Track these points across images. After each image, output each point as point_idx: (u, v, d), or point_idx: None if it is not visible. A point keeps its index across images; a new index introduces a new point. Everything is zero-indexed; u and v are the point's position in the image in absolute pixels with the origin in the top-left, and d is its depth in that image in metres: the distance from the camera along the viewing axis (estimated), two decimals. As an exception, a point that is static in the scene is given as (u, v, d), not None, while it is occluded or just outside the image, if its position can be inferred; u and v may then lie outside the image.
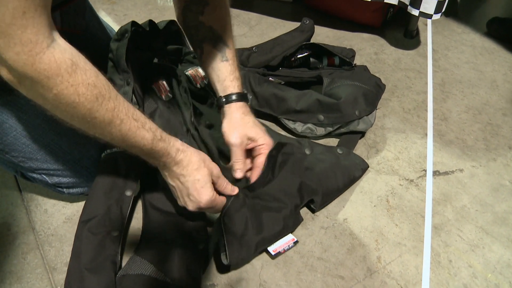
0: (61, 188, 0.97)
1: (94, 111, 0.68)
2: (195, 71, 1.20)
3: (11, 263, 0.90)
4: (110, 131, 0.72)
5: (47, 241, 0.94)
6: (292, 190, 0.95)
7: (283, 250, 0.89)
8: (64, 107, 0.66)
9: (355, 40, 1.58)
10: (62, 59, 0.63)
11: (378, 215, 0.98)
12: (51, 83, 0.63)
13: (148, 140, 0.76)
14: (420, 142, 1.16)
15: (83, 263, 0.79)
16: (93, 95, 0.68)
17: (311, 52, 1.32)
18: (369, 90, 1.15)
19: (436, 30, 1.65)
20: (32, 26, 0.59)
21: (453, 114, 1.26)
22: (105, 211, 0.87)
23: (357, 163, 1.05)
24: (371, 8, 1.57)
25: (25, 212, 1.00)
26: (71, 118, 0.69)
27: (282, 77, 1.28)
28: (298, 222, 0.94)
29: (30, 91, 0.65)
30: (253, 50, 1.33)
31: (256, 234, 0.86)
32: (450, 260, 0.90)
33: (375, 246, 0.92)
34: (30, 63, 0.60)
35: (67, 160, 0.94)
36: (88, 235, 0.82)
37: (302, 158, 1.02)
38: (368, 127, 1.14)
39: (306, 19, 1.36)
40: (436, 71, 1.44)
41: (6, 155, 0.90)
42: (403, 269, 0.88)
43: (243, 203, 0.89)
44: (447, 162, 1.11)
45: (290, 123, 1.16)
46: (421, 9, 1.37)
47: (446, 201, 1.02)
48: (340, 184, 1.00)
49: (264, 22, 1.69)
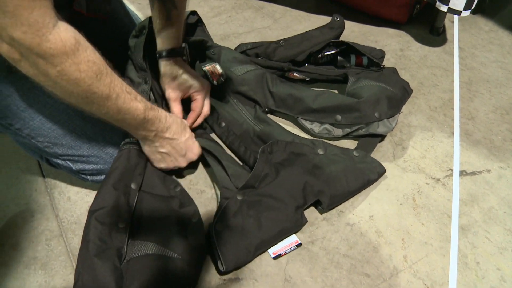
0: (85, 175, 0.97)
1: (94, 86, 0.72)
2: (213, 67, 1.19)
3: (35, 249, 0.90)
4: (106, 105, 0.77)
5: (70, 229, 0.94)
6: (295, 190, 0.94)
7: (284, 253, 0.88)
8: (66, 83, 0.69)
9: (380, 35, 1.56)
10: (66, 38, 0.66)
11: (404, 214, 0.97)
12: (56, 60, 0.66)
13: (141, 110, 0.83)
14: (446, 141, 1.14)
15: (92, 252, 0.79)
16: (93, 71, 0.71)
17: (339, 50, 1.30)
18: (394, 93, 1.13)
19: (463, 27, 1.62)
20: (39, 8, 0.62)
21: (480, 113, 1.24)
22: (113, 202, 0.87)
23: (373, 166, 1.02)
24: (398, 3, 1.54)
25: (48, 199, 1.00)
26: (70, 95, 0.72)
27: (308, 74, 1.26)
28: (301, 223, 0.92)
29: (31, 68, 0.67)
30: (280, 43, 1.31)
31: (254, 236, 0.86)
32: (478, 262, 0.88)
33: (401, 245, 0.91)
34: (37, 42, 0.63)
35: (91, 146, 0.94)
36: (96, 225, 0.82)
37: (312, 159, 1.00)
38: (388, 131, 1.10)
39: (337, 16, 1.34)
40: (463, 70, 1.41)
41: (32, 140, 0.90)
42: (430, 269, 0.87)
43: (239, 206, 0.90)
44: (474, 162, 1.09)
45: (307, 124, 1.13)
46: (450, 5, 1.35)
47: (473, 202, 1.00)
48: (351, 186, 0.97)
49: (289, 15, 1.67)
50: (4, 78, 0.82)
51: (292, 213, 0.91)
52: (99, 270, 0.77)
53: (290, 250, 0.89)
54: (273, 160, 0.99)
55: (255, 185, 0.94)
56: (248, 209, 0.90)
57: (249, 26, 1.60)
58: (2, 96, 0.83)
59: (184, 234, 0.87)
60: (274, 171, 0.97)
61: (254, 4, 1.74)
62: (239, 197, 0.91)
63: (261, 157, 0.97)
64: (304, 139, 1.07)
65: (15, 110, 0.86)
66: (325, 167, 0.98)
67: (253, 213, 0.89)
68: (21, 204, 0.99)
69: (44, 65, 0.66)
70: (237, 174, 0.96)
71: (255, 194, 0.93)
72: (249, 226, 0.87)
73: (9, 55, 0.65)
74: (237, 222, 0.87)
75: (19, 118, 0.87)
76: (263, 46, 1.31)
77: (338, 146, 1.05)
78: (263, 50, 1.31)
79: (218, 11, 1.68)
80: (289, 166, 0.98)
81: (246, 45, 1.34)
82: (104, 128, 0.95)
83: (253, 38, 1.53)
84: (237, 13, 1.68)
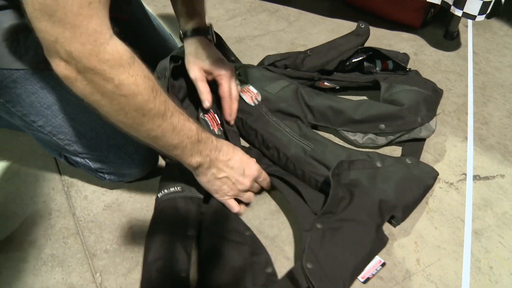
0: (102, 173, 0.99)
1: (150, 102, 0.70)
2: (247, 89, 1.15)
3: (52, 246, 0.92)
4: (161, 125, 0.74)
5: (87, 227, 0.95)
6: (372, 210, 0.90)
7: (372, 275, 0.85)
8: (123, 99, 0.67)
9: (394, 39, 1.56)
10: (123, 50, 0.66)
11: (417, 217, 0.97)
12: (113, 73, 0.64)
13: (194, 131, 0.80)
14: (460, 146, 1.15)
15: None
16: (149, 86, 0.70)
17: (366, 56, 1.30)
18: (429, 95, 1.13)
19: (477, 32, 1.62)
20: (97, 17, 0.61)
21: (494, 118, 1.24)
22: (170, 253, 0.85)
23: (427, 171, 1.00)
24: (412, 7, 1.54)
25: (65, 197, 1.02)
26: (126, 113, 0.70)
27: (337, 82, 1.26)
28: (384, 242, 0.90)
29: (87, 86, 0.66)
30: (307, 53, 1.31)
31: (347, 264, 0.81)
32: (491, 267, 0.88)
33: (414, 248, 0.91)
34: (95, 53, 0.62)
35: (111, 145, 0.95)
36: (157, 277, 0.82)
37: (374, 174, 0.97)
38: (430, 134, 1.11)
39: (362, 23, 1.34)
40: (477, 74, 1.41)
41: (53, 138, 0.92)
42: (443, 273, 0.87)
43: (322, 235, 0.84)
44: (488, 167, 1.09)
45: (349, 135, 1.12)
46: (465, 10, 1.35)
47: (486, 206, 1.00)
48: (416, 195, 0.96)
49: (303, 18, 1.68)
50: (30, 75, 0.83)
51: (374, 233, 0.87)
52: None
53: (377, 271, 0.86)
54: (342, 181, 0.96)
55: (333, 211, 0.89)
56: (332, 236, 0.84)
57: (263, 29, 1.62)
58: (27, 94, 0.85)
59: (256, 285, 0.82)
60: (347, 193, 0.93)
61: (269, 7, 1.75)
62: (319, 226, 0.85)
63: (334, 181, 0.91)
64: (358, 152, 1.05)
65: (38, 108, 0.87)
66: (388, 181, 0.96)
67: (339, 240, 0.84)
68: (39, 202, 1.01)
69: (101, 81, 0.64)
70: (312, 199, 0.94)
71: (334, 220, 0.87)
72: (340, 254, 0.82)
73: (66, 73, 0.64)
74: (326, 253, 0.81)
75: (42, 116, 0.88)
76: (292, 57, 1.31)
77: (390, 156, 1.04)
78: (292, 61, 1.30)
79: (233, 14, 1.70)
80: (359, 186, 0.95)
81: (274, 56, 1.34)
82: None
83: (268, 40, 1.55)
84: (252, 15, 1.70)
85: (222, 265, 0.84)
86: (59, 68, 0.64)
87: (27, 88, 0.84)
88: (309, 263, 0.79)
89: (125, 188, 1.03)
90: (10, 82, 0.83)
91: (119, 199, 1.01)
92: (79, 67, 0.63)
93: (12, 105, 0.86)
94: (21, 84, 0.84)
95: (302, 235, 0.87)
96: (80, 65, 0.63)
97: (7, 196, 1.02)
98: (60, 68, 0.64)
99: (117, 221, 0.97)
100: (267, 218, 0.97)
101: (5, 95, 0.84)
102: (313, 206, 0.92)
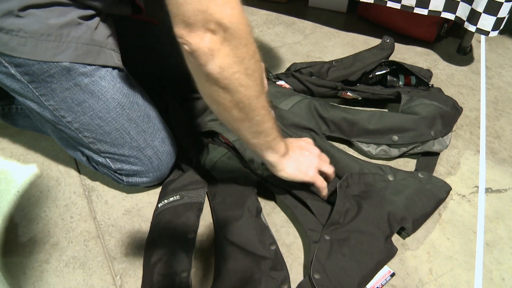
0: (121, 175, 1.01)
1: (263, 81, 0.75)
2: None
3: (74, 249, 0.94)
4: (261, 112, 0.77)
5: (107, 231, 0.98)
6: (380, 221, 0.92)
7: (381, 285, 0.86)
8: (258, 64, 0.70)
9: (408, 53, 1.59)
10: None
11: (430, 228, 0.99)
12: (252, 37, 0.67)
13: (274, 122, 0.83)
14: (472, 159, 1.16)
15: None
16: (262, 66, 0.73)
17: (389, 70, 1.33)
18: (447, 111, 1.16)
19: (490, 47, 1.64)
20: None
21: (506, 132, 1.26)
22: (170, 256, 0.88)
23: (439, 186, 1.02)
24: (426, 22, 1.57)
25: (86, 201, 1.04)
26: (255, 78, 0.72)
27: (360, 93, 1.29)
28: (393, 252, 0.90)
29: (230, 55, 0.67)
30: (332, 64, 1.35)
31: (355, 275, 0.83)
32: (503, 278, 0.90)
33: (426, 258, 0.93)
34: (242, 17, 0.64)
35: (132, 146, 0.98)
36: (158, 279, 0.85)
37: (385, 186, 1.00)
38: (443, 149, 1.13)
39: (387, 38, 1.37)
40: (489, 89, 1.43)
41: (79, 135, 0.94)
42: (455, 283, 0.88)
43: (330, 246, 0.86)
44: (500, 180, 1.11)
45: (363, 146, 1.15)
46: (479, 26, 1.37)
47: (498, 219, 1.01)
48: (427, 208, 0.97)
49: (319, 31, 1.71)
50: (66, 72, 0.85)
51: (383, 244, 0.89)
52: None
53: (386, 282, 0.87)
54: (351, 193, 0.98)
55: (339, 221, 0.91)
56: (340, 247, 0.86)
57: (280, 41, 1.65)
58: (61, 89, 0.87)
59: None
60: (355, 204, 0.95)
61: (285, 20, 1.79)
62: (327, 237, 0.88)
63: (340, 192, 0.94)
64: (371, 165, 1.06)
65: (70, 103, 0.89)
66: (399, 194, 0.98)
67: (347, 250, 0.86)
68: (61, 206, 1.04)
69: (243, 47, 0.66)
70: (321, 212, 0.95)
71: (342, 231, 0.89)
72: (347, 265, 0.84)
73: (209, 45, 0.65)
74: (334, 263, 0.84)
75: (72, 112, 0.90)
76: (317, 66, 1.34)
77: (402, 170, 1.06)
78: (317, 70, 1.34)
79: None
80: (368, 198, 0.97)
81: (300, 64, 1.37)
82: (145, 131, 0.98)
83: (284, 53, 1.58)
84: (269, 28, 1.73)
85: (239, 276, 0.84)
86: (204, 41, 0.64)
87: (62, 83, 0.86)
88: (317, 274, 0.81)
89: (145, 194, 1.06)
90: (48, 76, 0.85)
91: (139, 204, 1.04)
92: (226, 35, 0.64)
93: (46, 99, 0.89)
94: (57, 79, 0.86)
95: (311, 246, 0.89)
96: (228, 33, 0.64)
97: (31, 199, 1.05)
98: (204, 41, 0.64)
99: (136, 225, 0.99)
100: (283, 226, 1.00)
101: (41, 88, 0.87)
102: (321, 219, 0.94)
